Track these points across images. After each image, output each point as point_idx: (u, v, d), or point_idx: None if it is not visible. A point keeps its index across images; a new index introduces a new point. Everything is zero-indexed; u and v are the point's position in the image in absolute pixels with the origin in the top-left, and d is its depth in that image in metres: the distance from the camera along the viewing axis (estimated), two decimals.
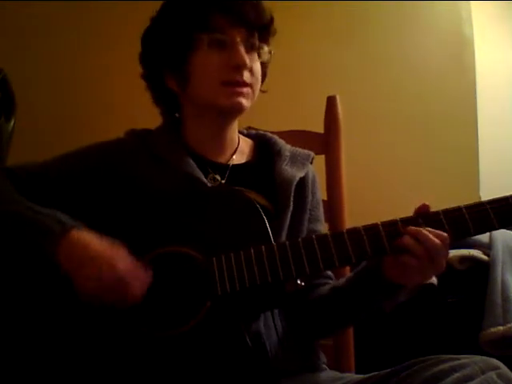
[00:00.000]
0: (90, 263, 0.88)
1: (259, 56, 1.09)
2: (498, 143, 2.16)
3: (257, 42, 1.08)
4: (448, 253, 0.89)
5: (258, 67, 1.08)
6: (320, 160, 1.37)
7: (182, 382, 0.89)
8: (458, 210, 0.88)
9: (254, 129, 1.27)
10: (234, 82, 1.04)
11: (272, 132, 1.25)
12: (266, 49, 1.10)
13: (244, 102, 1.05)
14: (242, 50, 1.04)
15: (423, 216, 0.89)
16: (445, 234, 0.87)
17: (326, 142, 1.41)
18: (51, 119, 1.86)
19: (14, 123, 1.49)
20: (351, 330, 1.32)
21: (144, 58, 1.14)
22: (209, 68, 1.05)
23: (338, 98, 1.42)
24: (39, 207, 0.95)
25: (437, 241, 0.86)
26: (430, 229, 0.87)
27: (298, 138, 1.37)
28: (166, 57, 1.09)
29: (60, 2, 1.87)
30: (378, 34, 2.07)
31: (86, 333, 0.92)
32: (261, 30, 1.08)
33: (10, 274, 0.95)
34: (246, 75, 1.05)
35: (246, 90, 1.05)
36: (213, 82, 1.04)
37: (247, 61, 1.04)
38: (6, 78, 1.47)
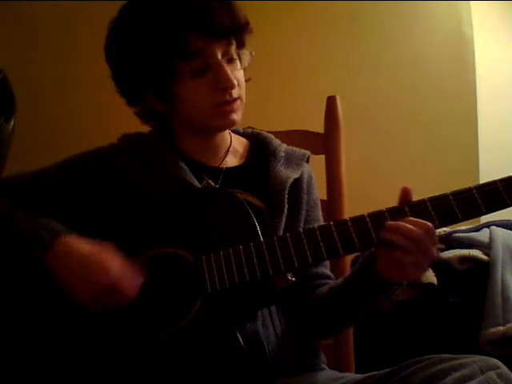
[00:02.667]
0: (82, 269, 0.89)
1: (240, 62, 1.06)
2: (497, 143, 2.16)
3: (235, 50, 1.04)
4: (436, 240, 0.87)
5: (241, 75, 1.05)
6: (320, 160, 1.37)
7: (177, 382, 0.89)
8: (444, 196, 0.88)
9: (253, 128, 1.26)
10: (225, 103, 1.02)
11: (271, 132, 1.24)
12: (246, 53, 1.06)
13: (236, 117, 1.05)
14: (227, 69, 1.01)
15: (409, 205, 0.89)
16: (427, 223, 0.86)
17: (326, 141, 1.41)
18: (51, 119, 1.86)
19: (14, 123, 1.49)
20: (351, 330, 1.32)
21: (117, 76, 1.09)
22: (197, 95, 1.02)
23: (338, 98, 1.42)
24: (29, 216, 0.96)
25: (418, 230, 0.85)
26: (413, 219, 0.86)
27: (298, 138, 1.37)
28: (147, 82, 1.04)
29: (60, 1, 1.87)
30: (377, 33, 2.07)
31: (79, 334, 0.93)
32: (238, 34, 1.04)
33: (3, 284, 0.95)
34: (235, 91, 1.03)
35: (235, 105, 1.04)
36: (204, 106, 1.02)
37: (234, 81, 1.01)
38: (5, 78, 1.47)
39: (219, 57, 1.01)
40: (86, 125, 1.84)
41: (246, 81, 1.09)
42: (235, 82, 1.01)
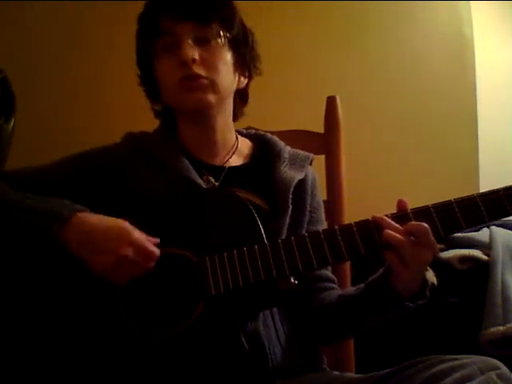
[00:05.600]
0: (103, 238, 0.90)
1: (222, 43, 1.07)
2: (498, 143, 2.16)
3: (212, 32, 1.06)
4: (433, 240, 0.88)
5: (215, 57, 1.06)
6: (320, 160, 1.37)
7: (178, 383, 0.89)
8: (448, 204, 0.89)
9: (253, 129, 1.27)
10: (186, 77, 1.04)
11: (272, 132, 1.25)
12: (224, 33, 1.07)
13: (202, 95, 1.05)
14: (188, 45, 1.04)
15: (414, 211, 0.90)
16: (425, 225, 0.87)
17: (326, 141, 1.41)
18: (51, 119, 1.86)
19: (14, 123, 1.49)
20: None
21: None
22: (165, 71, 1.08)
23: (337, 98, 1.42)
24: (41, 196, 0.97)
25: (416, 224, 0.87)
26: (413, 222, 0.88)
27: (298, 137, 1.37)
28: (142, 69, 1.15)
29: (60, 1, 1.87)
30: (377, 34, 2.07)
31: (82, 333, 0.92)
32: (215, 18, 1.06)
33: (15, 267, 0.95)
34: (198, 68, 1.04)
35: (202, 81, 1.05)
36: (171, 81, 1.07)
37: (190, 54, 1.03)
38: (6, 78, 1.47)
39: (185, 36, 1.05)
40: (86, 125, 1.84)
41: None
42: (191, 56, 1.03)
